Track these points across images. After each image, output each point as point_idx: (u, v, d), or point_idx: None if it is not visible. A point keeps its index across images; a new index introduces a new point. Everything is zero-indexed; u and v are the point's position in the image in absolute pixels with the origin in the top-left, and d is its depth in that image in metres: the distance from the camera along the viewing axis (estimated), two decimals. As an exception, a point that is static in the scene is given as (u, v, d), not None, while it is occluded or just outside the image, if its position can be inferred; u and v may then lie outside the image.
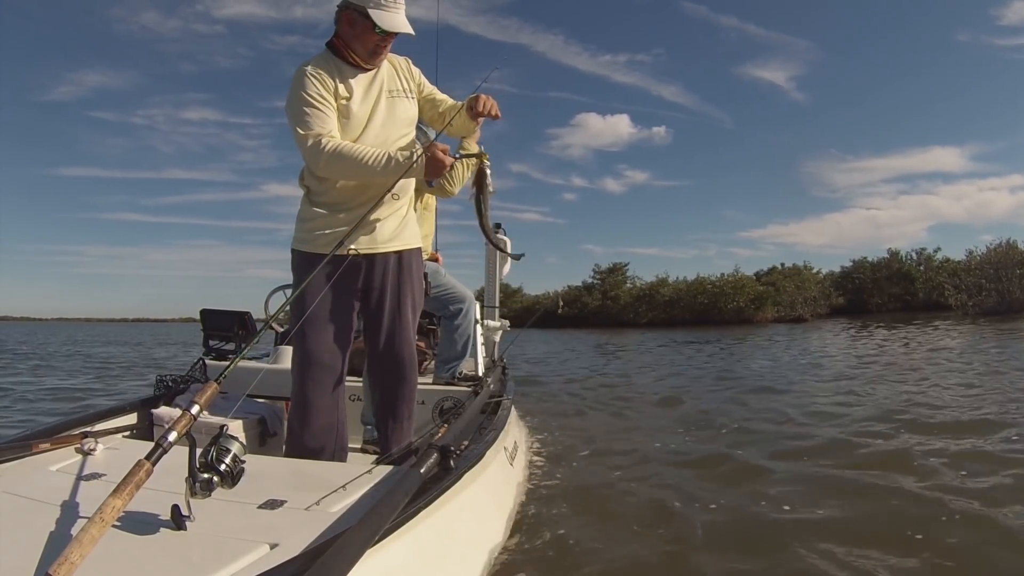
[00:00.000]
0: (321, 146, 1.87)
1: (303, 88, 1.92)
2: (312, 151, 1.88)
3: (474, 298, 3.28)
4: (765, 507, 2.65)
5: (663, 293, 35.01)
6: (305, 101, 1.91)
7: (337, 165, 1.90)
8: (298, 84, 1.93)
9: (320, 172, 1.95)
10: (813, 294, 32.38)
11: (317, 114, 1.91)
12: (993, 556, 2.07)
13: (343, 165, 1.90)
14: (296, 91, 1.93)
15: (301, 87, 1.92)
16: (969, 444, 3.52)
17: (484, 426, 2.40)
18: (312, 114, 1.90)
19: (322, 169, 1.93)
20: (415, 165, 1.90)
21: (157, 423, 2.36)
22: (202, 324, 3.29)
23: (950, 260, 31.01)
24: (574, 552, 2.19)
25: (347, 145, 1.90)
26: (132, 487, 1.11)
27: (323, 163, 1.90)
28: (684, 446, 3.96)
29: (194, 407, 1.27)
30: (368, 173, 1.91)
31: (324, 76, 1.95)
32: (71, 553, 0.98)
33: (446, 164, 1.96)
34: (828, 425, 4.40)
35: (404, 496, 1.35)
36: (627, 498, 2.85)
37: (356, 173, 1.93)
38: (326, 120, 1.92)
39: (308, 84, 1.92)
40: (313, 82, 1.93)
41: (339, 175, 1.96)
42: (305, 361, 2.02)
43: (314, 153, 1.89)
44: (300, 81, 1.93)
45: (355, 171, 1.92)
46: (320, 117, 1.91)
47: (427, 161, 1.92)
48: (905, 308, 30.59)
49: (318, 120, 1.90)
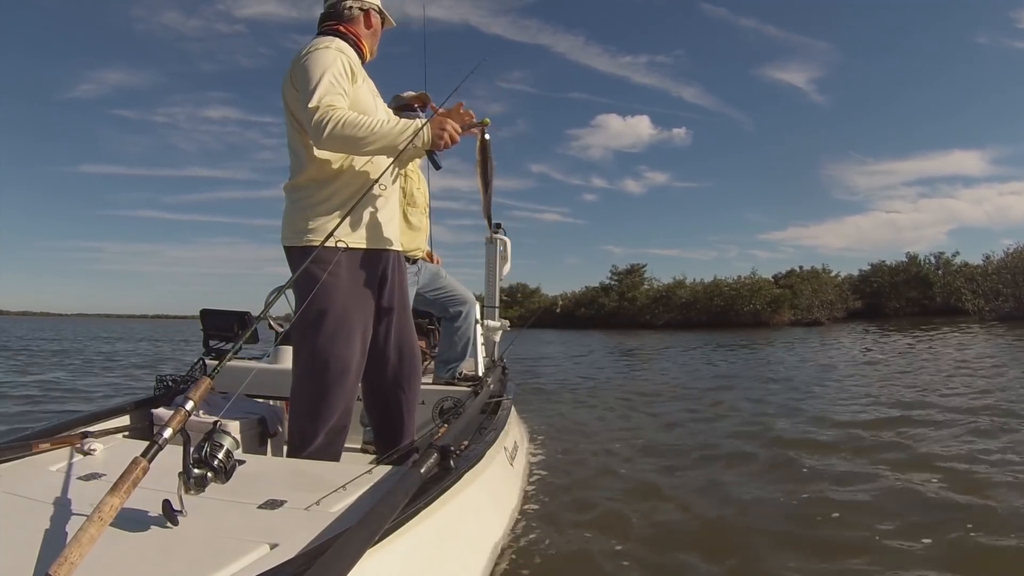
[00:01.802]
0: (328, 115, 1.79)
1: (331, 63, 1.88)
2: (320, 119, 1.79)
3: (475, 300, 3.29)
4: (768, 509, 2.65)
5: (680, 295, 35.00)
6: (329, 75, 1.86)
7: (346, 132, 1.80)
8: (325, 57, 1.88)
9: (323, 141, 1.83)
10: (830, 297, 32.27)
11: (335, 91, 1.86)
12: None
13: (351, 132, 1.80)
14: (320, 62, 1.87)
15: (329, 61, 1.88)
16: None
17: (484, 426, 2.40)
18: (330, 89, 1.85)
19: (327, 138, 1.81)
20: (422, 135, 1.87)
21: (157, 423, 2.36)
22: (202, 324, 3.28)
23: (968, 264, 30.79)
24: (574, 552, 2.19)
25: (352, 114, 1.83)
26: (129, 485, 1.11)
27: (327, 132, 1.79)
28: (686, 446, 3.96)
29: (188, 403, 1.27)
30: (376, 140, 1.83)
31: (351, 62, 1.96)
32: (70, 552, 0.97)
33: (448, 130, 1.92)
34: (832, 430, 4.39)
35: (404, 496, 1.35)
36: (628, 498, 2.85)
37: (364, 140, 1.82)
38: (342, 100, 1.88)
39: (337, 62, 1.89)
40: (342, 64, 1.91)
41: (344, 145, 1.86)
42: (338, 369, 1.92)
43: (320, 121, 1.79)
44: (329, 55, 1.89)
45: (359, 140, 1.82)
46: (339, 96, 1.87)
47: (433, 128, 1.90)
48: (922, 312, 30.43)
49: (336, 98, 1.86)
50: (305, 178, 1.98)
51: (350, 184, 1.98)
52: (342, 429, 2.01)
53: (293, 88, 1.92)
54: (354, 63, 1.98)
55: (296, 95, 1.91)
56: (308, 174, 1.97)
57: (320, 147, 1.90)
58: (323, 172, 1.96)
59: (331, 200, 1.97)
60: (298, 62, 1.91)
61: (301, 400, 1.98)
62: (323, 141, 1.83)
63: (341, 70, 1.90)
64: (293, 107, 1.95)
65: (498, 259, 4.29)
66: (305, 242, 1.94)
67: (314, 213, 1.96)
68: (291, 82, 1.93)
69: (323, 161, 1.96)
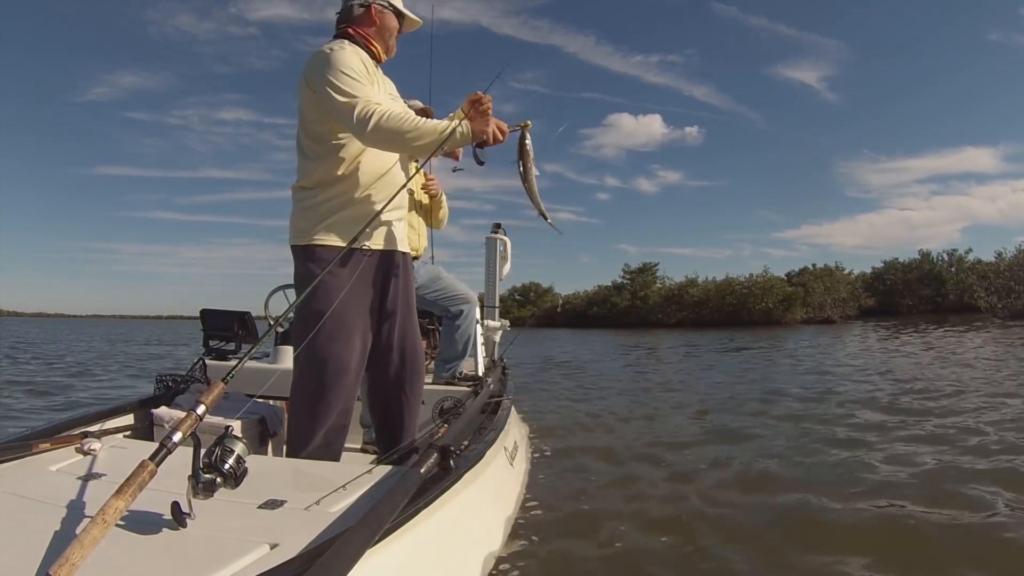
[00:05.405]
0: (371, 109, 1.81)
1: (350, 62, 1.90)
2: (362, 113, 1.80)
3: (476, 298, 3.29)
4: (770, 512, 2.65)
5: (692, 293, 35.00)
6: (353, 73, 1.88)
7: (389, 126, 1.81)
8: (343, 58, 1.90)
9: (368, 135, 1.83)
10: (842, 296, 32.22)
11: (362, 86, 1.88)
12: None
13: (395, 125, 1.81)
14: (340, 63, 1.88)
15: (348, 61, 1.90)
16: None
17: (484, 426, 2.40)
18: (359, 84, 1.87)
19: (372, 131, 1.81)
20: (463, 130, 1.87)
21: (157, 423, 2.36)
22: (202, 324, 3.29)
23: (981, 262, 30.68)
24: (574, 552, 2.19)
25: (392, 111, 1.84)
26: (135, 488, 1.11)
27: (372, 126, 1.80)
28: (688, 447, 3.95)
29: (200, 407, 1.25)
30: (421, 135, 1.83)
31: (365, 61, 1.97)
32: (72, 554, 0.97)
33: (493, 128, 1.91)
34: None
35: (404, 496, 1.34)
36: (628, 498, 2.85)
37: (409, 134, 1.83)
38: (371, 93, 1.90)
39: (355, 61, 1.92)
40: (359, 61, 1.94)
41: (389, 138, 1.85)
42: (336, 368, 1.92)
43: (363, 115, 1.80)
44: (347, 56, 1.91)
45: (406, 134, 1.82)
46: (366, 89, 1.88)
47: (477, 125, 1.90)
48: (935, 310, 30.36)
49: (365, 90, 1.87)
50: (312, 179, 1.99)
51: (357, 186, 1.98)
52: (341, 429, 2.01)
53: (310, 89, 1.92)
54: (368, 65, 1.99)
55: (312, 96, 1.92)
56: (315, 175, 1.98)
57: (365, 141, 1.90)
58: (330, 173, 1.96)
59: (336, 200, 1.97)
60: (314, 64, 1.92)
61: (300, 399, 1.98)
62: (367, 135, 1.83)
63: (359, 68, 1.92)
64: (307, 108, 1.96)
65: (498, 259, 4.29)
66: (307, 241, 1.96)
67: (318, 213, 1.97)
68: (308, 84, 1.93)
69: (330, 162, 1.96)
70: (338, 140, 1.95)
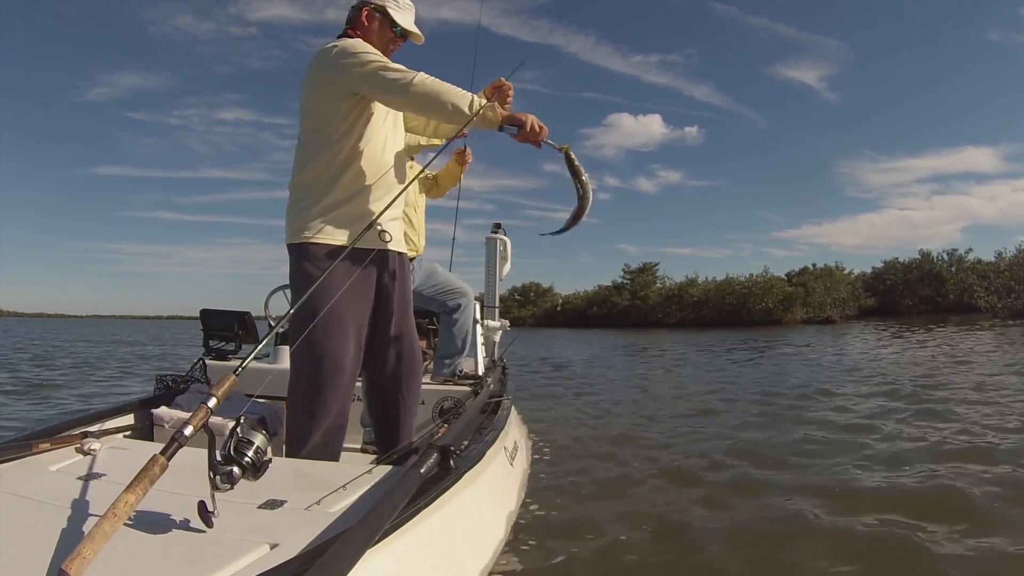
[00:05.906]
0: (411, 72, 1.86)
1: (364, 46, 1.93)
2: (404, 73, 1.86)
3: (473, 294, 3.29)
4: (771, 513, 2.65)
5: (692, 293, 34.98)
6: (373, 50, 1.92)
7: (431, 86, 1.86)
8: (357, 43, 1.94)
9: (412, 92, 1.86)
10: (843, 295, 32.17)
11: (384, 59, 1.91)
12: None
13: (434, 86, 1.86)
14: (357, 46, 1.92)
15: (361, 45, 1.93)
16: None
17: (484, 426, 2.40)
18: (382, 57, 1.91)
19: (415, 87, 1.85)
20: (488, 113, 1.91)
21: (157, 423, 2.36)
22: (202, 324, 3.28)
23: (981, 261, 30.70)
24: (574, 553, 2.19)
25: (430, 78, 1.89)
26: (146, 483, 1.10)
27: (418, 81, 1.85)
28: (688, 447, 3.96)
29: (211, 400, 1.23)
30: (456, 99, 1.88)
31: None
32: (84, 548, 0.97)
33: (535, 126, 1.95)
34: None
35: (404, 496, 1.34)
36: (629, 498, 2.85)
37: (446, 95, 1.87)
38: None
39: (367, 46, 1.94)
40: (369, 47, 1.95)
41: (432, 97, 1.88)
42: (331, 366, 1.93)
43: (405, 75, 1.85)
44: (358, 42, 1.95)
45: (445, 94, 1.87)
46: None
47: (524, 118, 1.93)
48: (936, 310, 30.30)
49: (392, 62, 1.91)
50: (308, 177, 1.98)
51: (353, 185, 1.98)
52: (339, 428, 2.01)
53: (332, 75, 1.92)
54: None
55: (321, 90, 1.94)
56: (312, 174, 1.98)
57: (406, 102, 1.93)
58: (326, 172, 1.96)
59: (332, 199, 1.97)
60: (328, 55, 1.93)
61: (297, 398, 1.98)
62: (412, 92, 1.87)
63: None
64: (309, 106, 1.97)
65: (498, 259, 4.29)
66: (302, 240, 1.95)
67: (314, 212, 1.96)
68: (319, 77, 1.94)
69: (327, 161, 1.96)
70: (337, 139, 1.95)
